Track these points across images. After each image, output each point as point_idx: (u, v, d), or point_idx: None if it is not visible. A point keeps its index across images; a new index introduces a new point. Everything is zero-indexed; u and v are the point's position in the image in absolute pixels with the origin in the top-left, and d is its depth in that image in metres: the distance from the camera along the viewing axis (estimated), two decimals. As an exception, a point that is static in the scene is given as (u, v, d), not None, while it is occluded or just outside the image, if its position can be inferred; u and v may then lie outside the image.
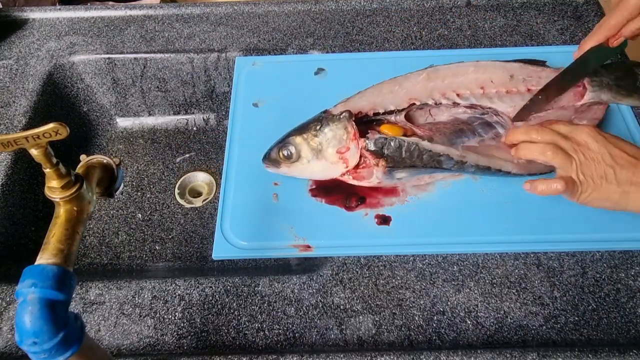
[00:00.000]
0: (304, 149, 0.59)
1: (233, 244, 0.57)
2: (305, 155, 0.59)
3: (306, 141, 0.59)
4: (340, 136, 0.58)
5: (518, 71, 0.66)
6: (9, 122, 0.70)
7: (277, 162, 0.60)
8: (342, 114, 0.59)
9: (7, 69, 0.76)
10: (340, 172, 0.59)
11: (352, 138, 0.58)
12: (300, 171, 0.60)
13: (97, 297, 0.54)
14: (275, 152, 0.60)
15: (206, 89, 0.81)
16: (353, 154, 0.58)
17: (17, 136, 0.35)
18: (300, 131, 0.60)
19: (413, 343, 0.50)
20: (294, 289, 0.54)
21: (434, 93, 0.63)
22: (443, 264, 0.55)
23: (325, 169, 0.60)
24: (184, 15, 0.83)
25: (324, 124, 0.59)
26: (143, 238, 0.71)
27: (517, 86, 0.64)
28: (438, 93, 0.63)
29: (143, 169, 0.78)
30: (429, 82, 0.64)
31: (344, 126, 0.58)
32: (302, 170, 0.60)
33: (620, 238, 0.56)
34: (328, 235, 0.57)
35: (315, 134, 0.59)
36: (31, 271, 0.35)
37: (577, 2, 0.82)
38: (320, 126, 0.59)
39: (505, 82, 0.64)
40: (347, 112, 0.59)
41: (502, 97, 0.63)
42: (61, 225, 0.38)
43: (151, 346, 0.51)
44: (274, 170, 0.61)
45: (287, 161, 0.59)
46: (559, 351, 0.48)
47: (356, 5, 0.83)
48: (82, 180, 0.41)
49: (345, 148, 0.58)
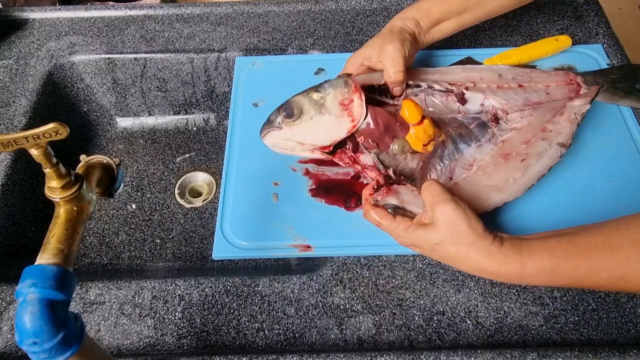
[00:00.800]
0: (306, 104, 0.57)
1: (233, 244, 0.57)
2: (307, 111, 0.56)
3: (307, 97, 0.57)
4: (342, 88, 0.57)
5: (506, 72, 0.66)
6: (9, 122, 0.70)
7: (277, 124, 0.57)
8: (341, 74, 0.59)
9: (7, 69, 0.77)
10: (347, 129, 0.57)
11: (354, 90, 0.57)
12: (304, 131, 0.57)
13: (97, 297, 0.54)
14: (275, 113, 0.58)
15: (206, 89, 0.81)
16: (358, 105, 0.56)
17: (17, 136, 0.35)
18: (299, 93, 0.59)
19: (413, 343, 0.50)
20: (294, 289, 0.54)
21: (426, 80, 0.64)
22: (443, 264, 0.55)
23: (331, 126, 0.56)
24: (184, 15, 0.83)
25: (323, 83, 0.58)
26: (143, 238, 0.71)
27: (507, 83, 0.64)
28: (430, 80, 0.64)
29: (143, 169, 0.78)
30: (420, 74, 0.64)
31: (343, 80, 0.57)
32: (306, 130, 0.57)
33: (620, 238, 0.56)
34: (328, 235, 0.57)
35: (315, 89, 0.57)
36: (31, 271, 0.35)
37: (577, 2, 0.82)
38: (320, 85, 0.58)
39: (494, 79, 0.65)
40: (345, 73, 0.59)
41: (495, 91, 0.63)
42: (61, 225, 0.38)
43: (151, 346, 0.51)
44: (274, 136, 0.58)
45: (289, 120, 0.56)
46: (559, 351, 0.48)
47: (356, 5, 0.83)
48: (82, 180, 0.41)
49: (348, 100, 0.56)
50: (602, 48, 0.74)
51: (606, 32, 0.77)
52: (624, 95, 0.65)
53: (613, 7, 1.95)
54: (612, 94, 0.65)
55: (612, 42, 0.75)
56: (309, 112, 0.56)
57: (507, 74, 0.66)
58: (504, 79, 0.65)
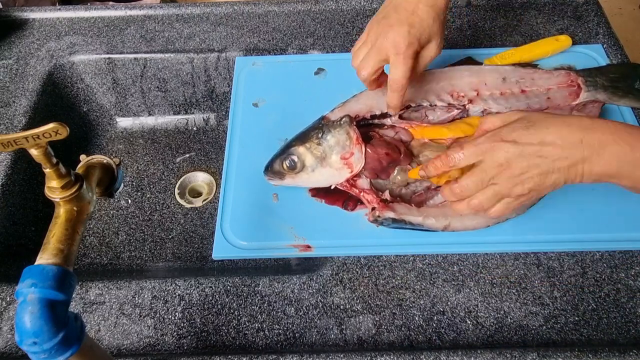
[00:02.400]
0: (308, 158, 0.58)
1: (233, 244, 0.57)
2: (310, 164, 0.58)
3: (309, 150, 0.58)
4: (344, 142, 0.58)
5: (510, 74, 0.66)
6: (9, 122, 0.70)
7: (280, 173, 0.59)
8: (342, 119, 0.59)
9: (7, 69, 0.77)
10: (345, 178, 0.59)
11: (355, 142, 0.58)
12: (304, 181, 0.59)
13: (97, 297, 0.54)
14: (279, 164, 0.59)
15: (206, 89, 0.81)
16: (357, 158, 0.58)
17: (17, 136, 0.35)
18: (301, 140, 0.59)
19: (413, 343, 0.50)
20: (294, 289, 0.54)
21: (429, 95, 0.63)
22: (443, 264, 0.55)
23: (330, 176, 0.59)
24: (184, 15, 0.83)
25: (326, 131, 0.59)
26: (143, 238, 0.71)
27: (510, 88, 0.65)
28: (433, 95, 0.64)
29: (143, 169, 0.78)
30: (424, 84, 0.64)
31: (345, 131, 0.58)
32: (307, 180, 0.59)
33: (620, 238, 0.56)
34: (328, 235, 0.57)
35: (318, 142, 0.58)
36: (31, 271, 0.35)
37: (577, 2, 0.82)
38: (322, 134, 0.58)
39: (498, 84, 0.65)
40: (347, 117, 0.59)
41: (497, 99, 0.64)
42: (61, 225, 0.38)
43: (151, 346, 0.51)
44: (277, 183, 0.60)
45: (292, 172, 0.59)
46: (559, 351, 0.48)
47: (356, 5, 0.83)
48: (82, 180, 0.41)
49: (349, 153, 0.58)
50: (602, 48, 0.74)
51: (606, 32, 0.77)
52: (623, 95, 0.65)
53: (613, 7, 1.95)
54: (611, 94, 0.65)
55: (612, 42, 0.75)
56: (311, 165, 0.58)
57: (511, 77, 0.66)
58: (508, 82, 0.65)
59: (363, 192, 0.58)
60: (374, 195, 0.58)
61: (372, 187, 0.59)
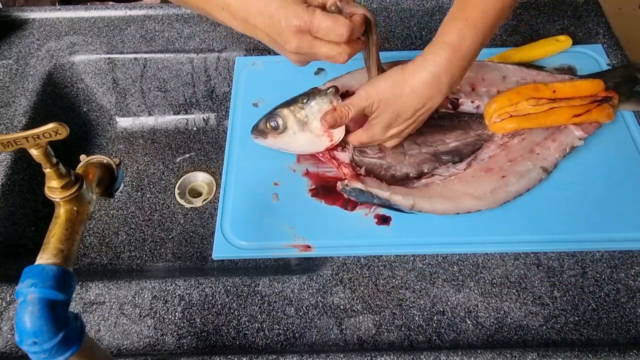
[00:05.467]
0: (290, 120, 0.60)
1: (233, 244, 0.57)
2: (291, 127, 0.60)
3: (292, 113, 0.61)
4: (326, 109, 0.59)
5: (512, 73, 0.66)
6: (9, 122, 0.70)
7: (264, 132, 0.62)
8: (329, 89, 0.60)
9: (7, 69, 0.77)
10: (324, 146, 0.61)
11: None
12: (286, 143, 0.61)
13: (97, 297, 0.54)
14: (263, 123, 0.62)
15: (206, 89, 0.81)
16: (338, 129, 0.59)
17: (17, 136, 0.35)
18: (287, 104, 0.62)
19: (413, 343, 0.50)
20: (294, 289, 0.54)
21: None
22: (443, 264, 0.55)
23: (310, 143, 0.61)
24: (184, 15, 0.83)
25: (311, 98, 0.60)
26: (143, 238, 0.71)
27: (508, 87, 0.64)
28: None
29: (143, 169, 0.78)
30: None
31: (329, 100, 0.60)
32: (288, 143, 0.61)
33: (620, 238, 0.56)
34: (328, 235, 0.57)
35: (302, 106, 0.60)
36: (31, 271, 0.35)
37: (577, 2, 0.82)
38: (307, 99, 0.61)
39: (496, 82, 0.65)
40: (334, 87, 0.60)
41: (493, 96, 0.64)
42: (61, 225, 0.38)
43: (151, 346, 0.51)
44: (261, 142, 0.62)
45: (274, 132, 0.61)
46: (559, 351, 0.48)
47: (356, 5, 0.83)
48: (82, 180, 0.41)
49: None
50: (602, 48, 0.74)
51: (606, 32, 0.77)
52: (625, 100, 0.65)
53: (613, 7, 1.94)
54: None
55: (612, 42, 0.75)
56: (292, 128, 0.61)
57: (512, 76, 0.65)
58: (507, 81, 0.65)
59: (342, 165, 0.60)
60: (350, 168, 0.60)
61: (352, 162, 0.61)
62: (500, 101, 0.61)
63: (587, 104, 0.61)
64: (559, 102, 0.61)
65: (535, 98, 0.61)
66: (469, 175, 0.59)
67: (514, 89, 0.61)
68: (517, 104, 0.60)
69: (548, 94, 0.61)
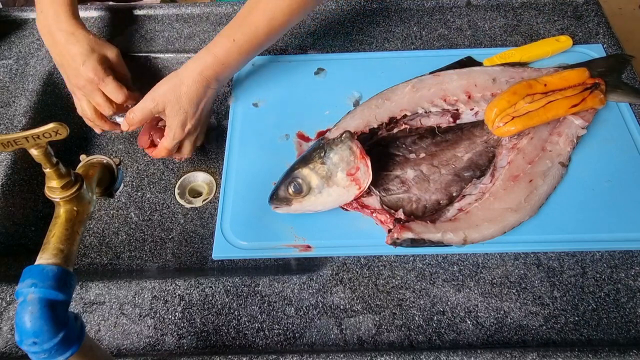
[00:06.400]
0: (313, 179, 0.56)
1: (233, 244, 0.57)
2: (316, 186, 0.56)
3: (314, 171, 0.56)
4: (348, 157, 0.56)
5: (500, 74, 0.66)
6: (9, 122, 0.70)
7: (286, 199, 0.56)
8: (343, 134, 0.57)
9: (7, 69, 0.76)
10: (354, 196, 0.56)
11: (360, 157, 0.55)
12: (312, 204, 0.56)
13: (97, 297, 0.54)
14: (284, 190, 0.57)
15: (206, 89, 0.81)
16: (364, 172, 0.55)
17: (17, 136, 0.35)
18: (304, 162, 0.57)
19: (413, 343, 0.50)
20: (294, 289, 0.54)
21: (422, 102, 0.64)
22: (443, 264, 0.55)
23: (338, 196, 0.56)
24: (184, 15, 0.83)
25: (328, 150, 0.56)
26: (143, 238, 0.71)
27: (501, 88, 0.65)
28: (426, 102, 0.64)
29: (143, 169, 0.78)
30: (416, 92, 0.64)
31: (348, 147, 0.56)
32: (315, 202, 0.56)
33: (620, 238, 0.56)
34: (328, 235, 0.57)
35: (321, 161, 0.56)
36: (31, 271, 0.35)
37: (577, 2, 0.82)
38: (325, 152, 0.56)
39: (488, 85, 0.65)
40: (348, 132, 0.57)
41: (488, 100, 0.64)
42: (61, 225, 0.38)
43: (151, 346, 0.51)
44: (284, 210, 0.57)
45: (298, 196, 0.56)
46: (559, 351, 0.48)
47: (356, 5, 0.83)
48: (82, 180, 0.41)
49: (355, 169, 0.55)
50: (602, 48, 0.74)
51: (606, 32, 0.77)
52: (610, 90, 0.66)
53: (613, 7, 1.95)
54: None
55: (612, 42, 0.75)
56: (317, 186, 0.56)
57: (501, 77, 0.66)
58: (498, 82, 0.65)
59: (376, 212, 0.57)
60: (387, 214, 0.56)
61: (384, 205, 0.57)
62: (501, 104, 0.61)
63: (579, 92, 0.62)
64: (552, 94, 0.61)
65: (530, 95, 0.61)
66: (500, 189, 0.58)
67: (510, 89, 0.61)
68: (516, 104, 0.60)
69: (540, 89, 0.62)
